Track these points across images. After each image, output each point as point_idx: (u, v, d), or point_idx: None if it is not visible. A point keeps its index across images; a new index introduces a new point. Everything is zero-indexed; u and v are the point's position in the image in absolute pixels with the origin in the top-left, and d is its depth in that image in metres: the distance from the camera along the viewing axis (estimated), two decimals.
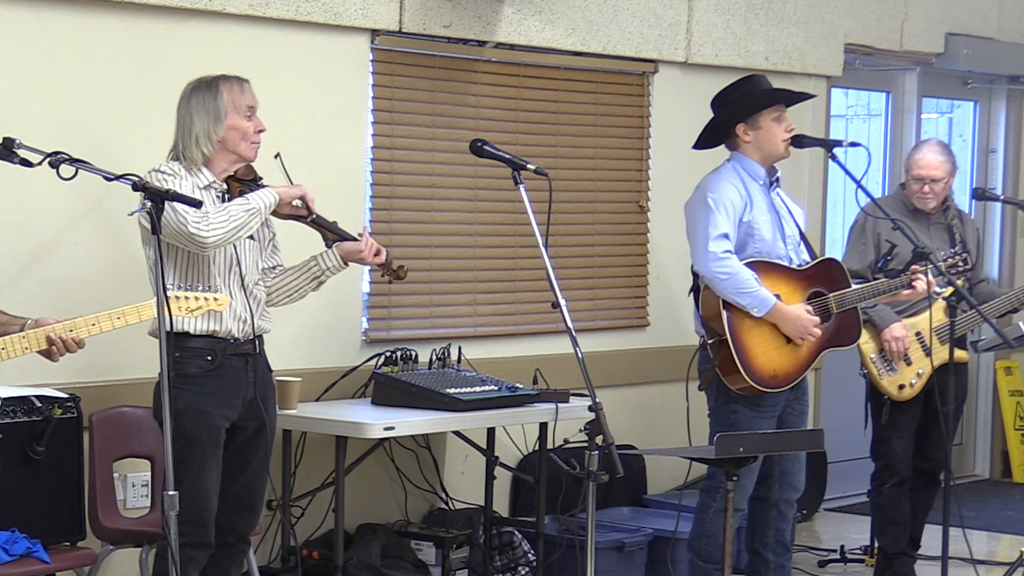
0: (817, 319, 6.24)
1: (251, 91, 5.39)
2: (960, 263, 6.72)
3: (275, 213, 5.39)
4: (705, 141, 6.48)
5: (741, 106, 6.35)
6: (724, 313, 6.14)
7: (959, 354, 6.95)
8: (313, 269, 5.56)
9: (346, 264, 5.59)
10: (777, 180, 6.40)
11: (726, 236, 6.15)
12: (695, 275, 6.28)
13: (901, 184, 7.42)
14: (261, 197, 5.28)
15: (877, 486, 7.25)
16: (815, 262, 6.39)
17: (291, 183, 5.45)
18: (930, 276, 6.49)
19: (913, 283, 6.54)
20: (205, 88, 5.33)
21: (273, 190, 5.33)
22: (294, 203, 5.38)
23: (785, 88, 6.60)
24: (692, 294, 6.32)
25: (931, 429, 7.16)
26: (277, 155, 5.39)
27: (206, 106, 5.30)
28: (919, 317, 7.06)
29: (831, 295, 6.34)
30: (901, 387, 7.07)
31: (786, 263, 6.31)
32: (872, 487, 7.30)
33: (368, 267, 6.57)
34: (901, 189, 7.35)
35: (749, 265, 6.17)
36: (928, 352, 7.07)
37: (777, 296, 6.18)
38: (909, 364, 7.06)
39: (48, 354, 4.76)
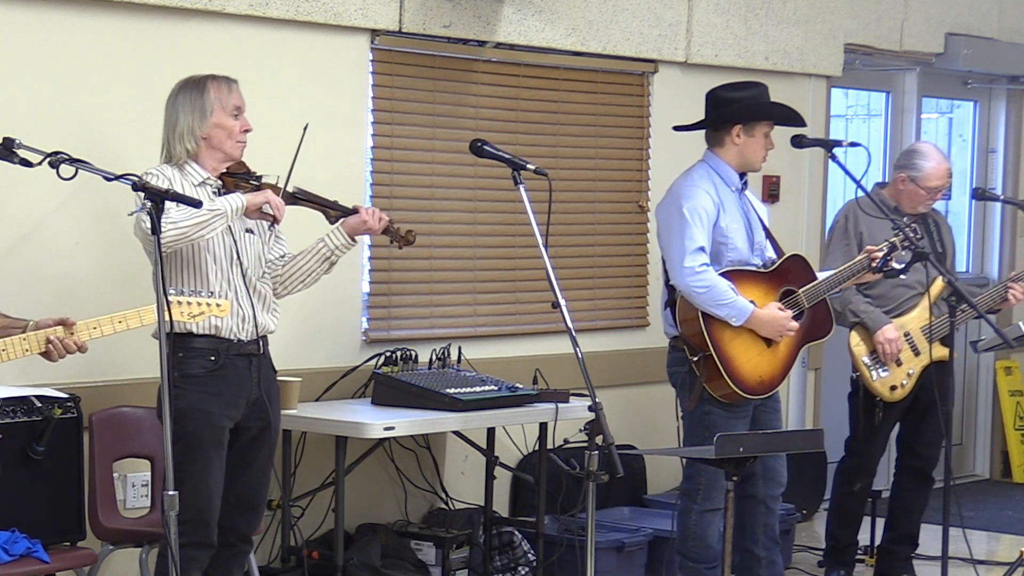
0: (790, 314, 6.27)
1: (239, 91, 5.41)
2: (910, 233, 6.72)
3: (251, 204, 5.32)
4: (690, 126, 6.47)
5: (748, 109, 6.33)
6: (705, 329, 6.15)
7: (945, 352, 7.04)
8: (323, 251, 5.56)
9: (354, 240, 5.61)
10: (745, 184, 6.42)
11: (702, 249, 6.15)
12: (670, 288, 6.28)
13: (877, 183, 7.41)
14: (229, 201, 5.24)
15: (845, 482, 7.33)
16: (780, 260, 6.40)
17: (293, 161, 5.42)
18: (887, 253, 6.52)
19: (872, 263, 6.55)
20: (193, 86, 5.37)
21: (241, 195, 5.30)
22: (263, 209, 5.33)
23: (774, 97, 6.56)
24: (667, 308, 6.32)
25: (921, 427, 7.23)
26: (305, 126, 5.39)
27: (192, 103, 5.33)
28: (907, 317, 7.09)
29: (801, 291, 6.35)
30: (893, 388, 7.10)
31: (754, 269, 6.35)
32: (839, 482, 7.37)
33: (370, 240, 6.56)
34: (878, 188, 7.35)
35: (724, 275, 6.18)
36: (917, 352, 7.09)
37: (752, 302, 6.20)
38: (900, 365, 7.08)
39: (47, 355, 4.76)
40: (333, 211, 5.57)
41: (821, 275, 6.47)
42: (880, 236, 6.90)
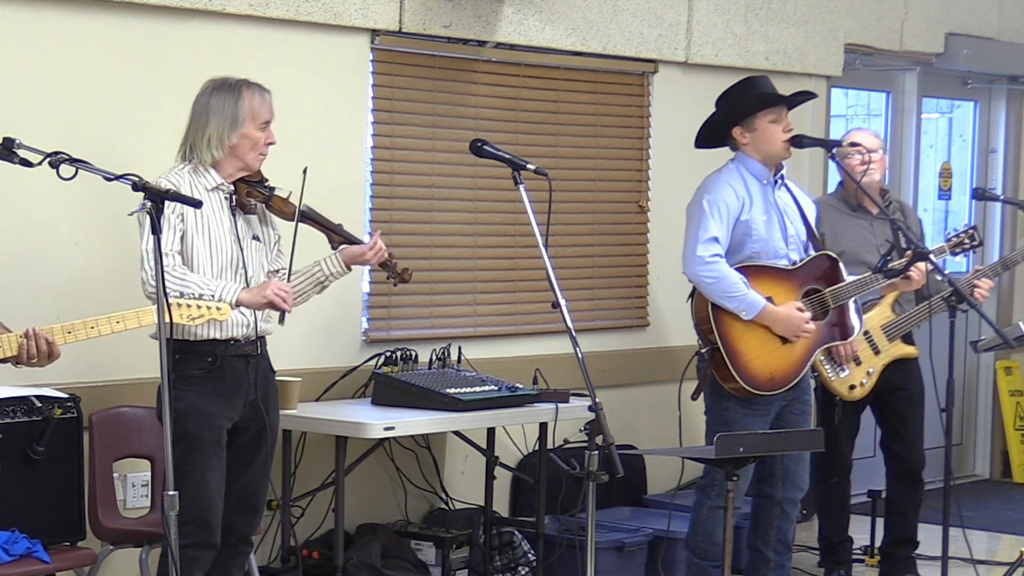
0: (808, 315, 6.24)
1: (270, 103, 5.37)
2: (966, 240, 6.74)
3: (248, 305, 5.22)
4: (707, 141, 6.47)
5: (735, 109, 6.34)
6: (714, 321, 6.14)
7: (909, 350, 7.15)
8: (317, 275, 5.56)
9: (349, 269, 5.60)
10: (782, 177, 6.40)
11: (715, 240, 6.15)
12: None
13: (840, 183, 7.41)
14: (224, 291, 5.15)
15: (822, 479, 7.33)
16: (807, 259, 6.38)
17: (299, 200, 5.40)
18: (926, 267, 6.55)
19: (907, 275, 6.60)
20: (227, 91, 5.31)
21: (237, 295, 5.15)
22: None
23: (780, 92, 6.55)
24: (689, 300, 6.33)
25: (900, 431, 7.25)
26: (304, 170, 5.37)
27: (225, 109, 5.28)
28: (868, 315, 7.10)
29: (827, 291, 6.34)
30: (852, 387, 7.11)
31: (785, 263, 6.31)
32: (814, 480, 7.39)
33: (369, 268, 6.58)
34: (840, 188, 7.36)
35: (739, 269, 6.17)
36: (877, 351, 7.11)
37: (769, 299, 6.18)
38: (859, 364, 7.09)
39: (19, 359, 4.68)
40: (337, 236, 5.58)
41: (851, 278, 6.45)
42: (843, 236, 6.93)
